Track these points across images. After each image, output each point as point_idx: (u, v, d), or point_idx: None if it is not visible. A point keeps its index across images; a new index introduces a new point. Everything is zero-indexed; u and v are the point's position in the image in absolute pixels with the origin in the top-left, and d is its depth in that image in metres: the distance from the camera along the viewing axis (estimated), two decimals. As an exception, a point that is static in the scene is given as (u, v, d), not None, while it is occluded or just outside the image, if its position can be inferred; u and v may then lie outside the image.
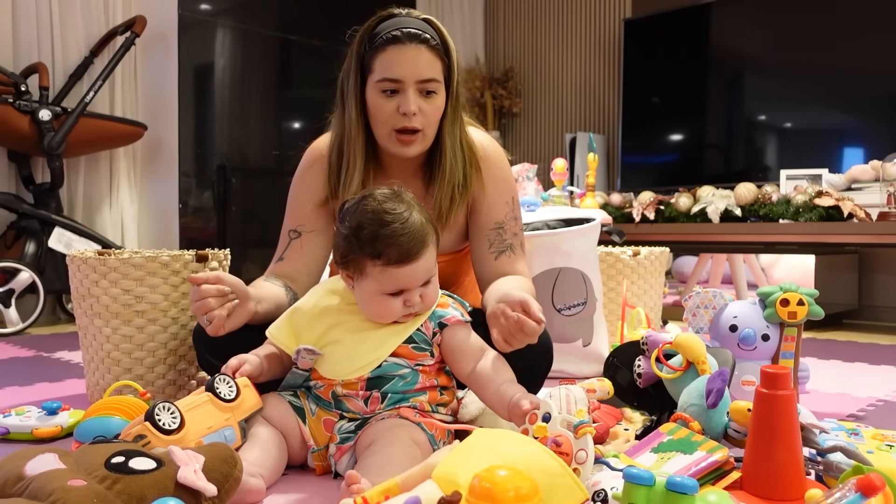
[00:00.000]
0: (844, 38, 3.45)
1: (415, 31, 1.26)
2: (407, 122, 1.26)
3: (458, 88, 1.33)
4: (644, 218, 3.43)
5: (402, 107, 1.25)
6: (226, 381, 1.08)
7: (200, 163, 3.44)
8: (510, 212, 1.41)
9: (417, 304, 1.08)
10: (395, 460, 0.96)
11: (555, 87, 4.73)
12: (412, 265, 1.05)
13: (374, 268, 1.05)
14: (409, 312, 1.08)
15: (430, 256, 1.08)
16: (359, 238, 1.06)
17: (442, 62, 1.29)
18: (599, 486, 0.89)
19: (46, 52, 3.04)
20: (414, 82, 1.25)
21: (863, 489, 0.73)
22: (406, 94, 1.25)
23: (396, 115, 1.27)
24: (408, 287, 1.06)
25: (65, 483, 0.75)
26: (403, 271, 1.05)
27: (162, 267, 1.51)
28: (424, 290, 1.08)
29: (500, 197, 1.40)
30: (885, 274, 3.36)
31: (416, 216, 1.07)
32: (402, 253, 1.04)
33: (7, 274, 2.69)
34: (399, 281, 1.06)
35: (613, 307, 2.13)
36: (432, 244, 1.08)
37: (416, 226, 1.05)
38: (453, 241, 1.43)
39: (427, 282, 1.08)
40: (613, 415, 1.29)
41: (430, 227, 1.09)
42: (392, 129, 1.28)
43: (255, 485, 0.96)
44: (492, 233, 1.38)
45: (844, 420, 1.39)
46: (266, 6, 3.70)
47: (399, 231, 1.04)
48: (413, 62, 1.25)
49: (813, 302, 1.38)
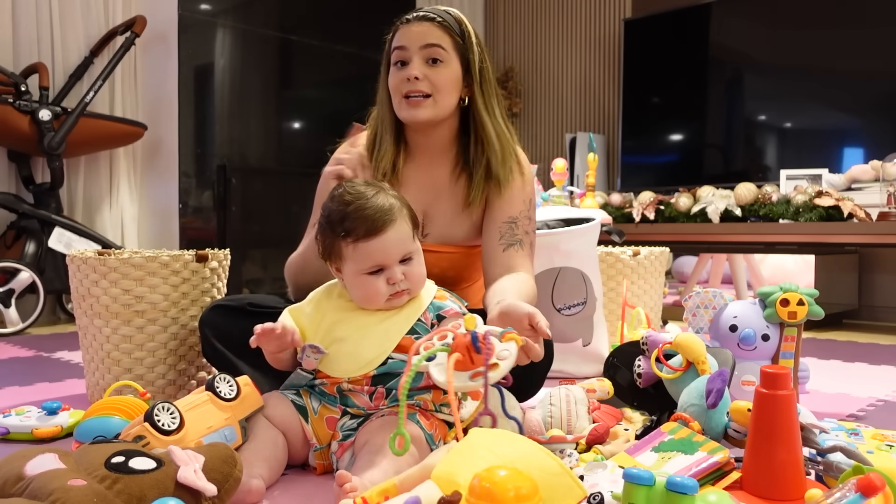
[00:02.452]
0: (844, 38, 3.45)
1: (423, 13, 1.37)
2: (412, 86, 1.33)
3: (484, 71, 1.41)
4: (644, 218, 3.43)
5: (406, 73, 1.34)
6: (226, 380, 1.08)
7: (200, 163, 3.44)
8: (526, 211, 1.44)
9: (401, 281, 1.08)
10: (388, 457, 0.96)
11: (555, 87, 4.73)
12: (380, 237, 1.07)
13: (347, 248, 1.08)
14: (396, 292, 1.09)
15: (400, 231, 1.09)
16: (329, 223, 1.10)
17: (451, 38, 1.36)
18: (597, 489, 0.89)
19: (46, 52, 3.04)
20: (418, 48, 1.34)
21: (863, 489, 0.73)
22: (412, 61, 1.34)
23: (404, 82, 1.34)
24: (384, 263, 1.08)
25: (65, 483, 0.75)
26: (373, 245, 1.07)
27: (162, 267, 1.51)
28: (407, 269, 1.09)
29: (519, 194, 1.43)
30: (885, 274, 3.36)
31: (384, 197, 1.10)
32: (369, 226, 1.06)
33: (7, 274, 2.69)
34: (373, 256, 1.07)
35: (613, 307, 2.13)
36: (403, 220, 1.10)
37: (380, 201, 1.09)
38: (469, 232, 1.45)
39: (408, 260, 1.10)
40: (613, 415, 1.29)
41: (403, 207, 1.11)
42: (401, 96, 1.35)
43: (254, 485, 0.96)
44: (504, 226, 1.41)
45: (844, 420, 1.39)
46: (266, 6, 3.70)
47: (363, 206, 1.07)
48: (417, 31, 1.35)
49: (813, 302, 1.38)
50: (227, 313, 1.37)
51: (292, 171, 3.71)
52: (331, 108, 3.92)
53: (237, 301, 1.39)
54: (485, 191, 1.41)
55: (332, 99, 3.99)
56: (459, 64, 1.37)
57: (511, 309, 1.09)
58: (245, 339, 1.15)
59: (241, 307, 1.37)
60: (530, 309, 1.07)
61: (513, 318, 1.09)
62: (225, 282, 1.67)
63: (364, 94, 1.56)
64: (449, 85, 1.36)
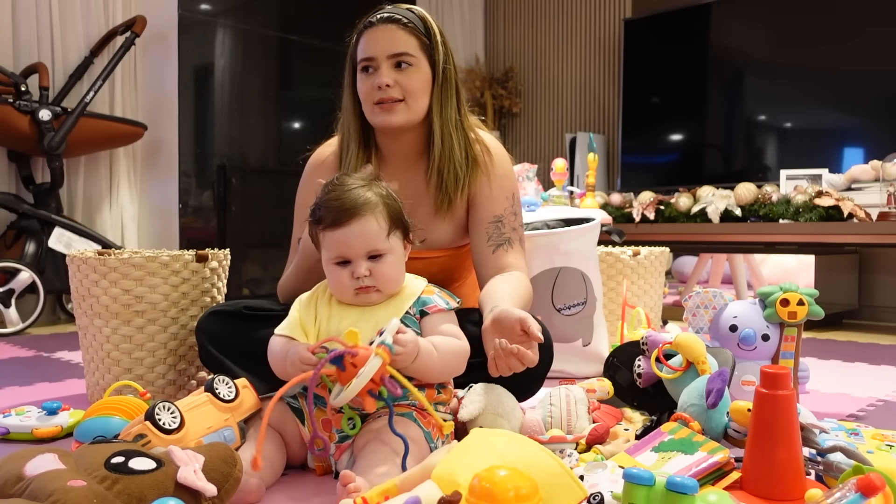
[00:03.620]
0: (844, 38, 3.45)
1: (387, 15, 1.33)
2: (383, 94, 1.31)
3: (446, 71, 1.37)
4: (644, 218, 3.43)
5: (376, 80, 1.31)
6: (225, 381, 1.08)
7: (200, 163, 3.44)
8: (510, 206, 1.42)
9: (364, 277, 1.08)
10: (389, 458, 0.96)
11: (555, 87, 4.73)
12: (343, 229, 1.08)
13: (319, 234, 1.11)
14: (360, 287, 1.09)
15: (366, 226, 1.08)
16: (312, 208, 1.13)
17: (417, 39, 1.34)
18: (597, 489, 0.89)
19: (46, 52, 3.04)
20: (385, 57, 1.31)
21: (863, 489, 0.73)
22: (380, 69, 1.32)
23: (374, 90, 1.32)
24: (347, 255, 1.09)
25: (64, 483, 0.75)
26: (336, 235, 1.08)
27: (162, 267, 1.51)
28: (374, 266, 1.09)
29: (500, 192, 1.41)
30: (885, 274, 3.36)
31: (362, 191, 1.10)
32: (334, 216, 1.08)
33: (7, 274, 2.69)
34: (337, 246, 1.09)
35: (613, 307, 2.13)
36: (372, 217, 1.09)
37: (354, 195, 1.09)
38: (452, 235, 1.44)
39: (377, 257, 1.09)
40: (613, 415, 1.29)
41: (381, 205, 1.10)
42: (372, 103, 1.34)
43: (254, 485, 0.96)
44: (490, 226, 1.39)
45: (844, 420, 1.39)
46: (266, 6, 3.70)
47: (335, 196, 1.09)
48: (383, 39, 1.32)
49: (813, 302, 1.38)
50: (222, 319, 1.36)
51: (292, 171, 3.69)
52: (330, 108, 3.91)
53: (232, 306, 1.38)
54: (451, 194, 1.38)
55: (332, 99, 3.98)
56: (428, 65, 1.35)
57: (502, 316, 1.10)
58: (241, 344, 1.15)
59: (236, 312, 1.36)
60: (521, 314, 1.08)
61: (504, 325, 1.10)
62: (225, 282, 1.67)
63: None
64: (420, 88, 1.34)
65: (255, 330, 1.23)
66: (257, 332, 1.20)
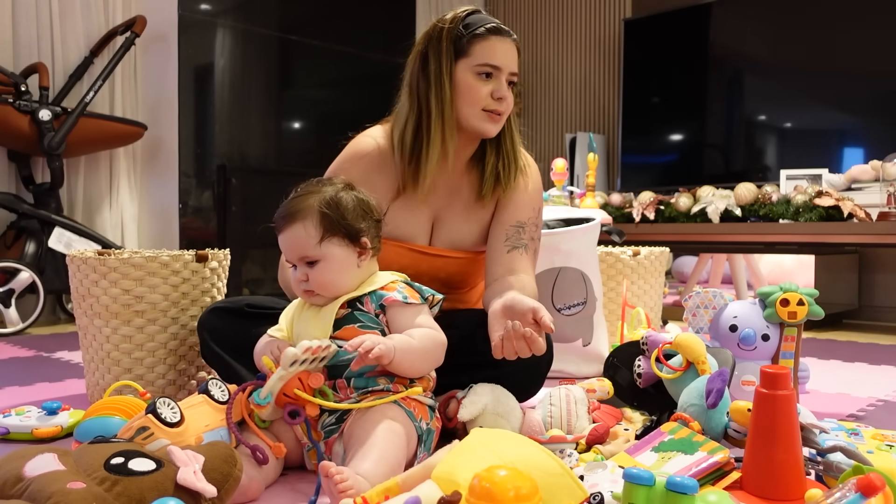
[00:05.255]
0: (844, 38, 3.45)
1: (507, 30, 1.39)
2: (499, 105, 1.35)
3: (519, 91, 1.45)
4: (644, 218, 3.43)
5: (498, 91, 1.35)
6: (218, 385, 1.10)
7: (200, 163, 3.44)
8: (534, 218, 1.45)
9: (302, 281, 1.12)
10: (378, 445, 0.98)
11: (555, 87, 4.73)
12: (280, 235, 1.14)
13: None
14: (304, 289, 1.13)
15: (294, 234, 1.12)
16: None
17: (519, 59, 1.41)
18: (597, 489, 0.89)
19: (46, 52, 3.04)
20: (507, 72, 1.37)
21: (863, 489, 0.73)
22: (500, 80, 1.36)
23: (489, 98, 1.35)
24: (288, 259, 1.15)
25: (64, 485, 0.75)
26: (280, 239, 1.15)
27: (162, 267, 1.51)
28: (309, 271, 1.12)
29: (529, 203, 1.45)
30: (885, 274, 3.36)
31: (303, 199, 1.13)
32: (276, 222, 1.15)
33: (7, 274, 2.69)
34: (282, 247, 1.15)
35: (613, 307, 2.13)
36: (301, 225, 1.11)
37: (293, 202, 1.14)
38: (477, 238, 1.45)
39: (312, 263, 1.12)
40: (613, 415, 1.29)
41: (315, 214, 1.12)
42: (482, 108, 1.36)
43: (253, 484, 0.97)
44: (511, 229, 1.42)
45: (844, 420, 1.39)
46: (266, 6, 3.70)
47: (284, 202, 1.15)
48: (510, 54, 1.37)
49: (813, 302, 1.38)
50: (224, 315, 1.37)
51: (292, 171, 3.70)
52: (331, 108, 3.92)
53: (235, 303, 1.39)
54: (495, 188, 1.42)
55: (332, 99, 3.99)
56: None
57: (515, 303, 1.13)
58: (242, 341, 1.16)
59: (238, 309, 1.37)
60: (534, 304, 1.11)
61: (517, 311, 1.11)
62: (225, 282, 1.67)
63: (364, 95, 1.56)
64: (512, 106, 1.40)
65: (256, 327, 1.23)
66: (258, 330, 1.20)
